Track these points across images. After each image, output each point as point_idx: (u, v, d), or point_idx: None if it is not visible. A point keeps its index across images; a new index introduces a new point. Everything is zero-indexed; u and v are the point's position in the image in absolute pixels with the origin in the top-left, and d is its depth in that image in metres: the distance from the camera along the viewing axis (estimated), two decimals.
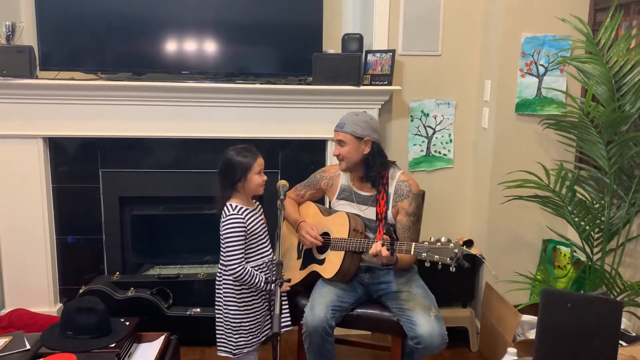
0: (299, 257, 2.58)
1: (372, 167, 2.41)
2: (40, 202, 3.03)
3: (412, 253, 2.09)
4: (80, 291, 2.94)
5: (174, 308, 3.01)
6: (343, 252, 2.36)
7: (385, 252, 2.15)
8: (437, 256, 2.01)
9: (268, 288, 2.31)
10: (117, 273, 3.13)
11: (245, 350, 2.34)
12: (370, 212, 2.45)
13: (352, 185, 2.51)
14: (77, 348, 2.20)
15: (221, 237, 2.32)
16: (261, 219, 2.40)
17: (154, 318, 2.90)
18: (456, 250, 1.99)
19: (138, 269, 3.35)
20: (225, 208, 2.32)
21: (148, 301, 2.94)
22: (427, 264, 2.05)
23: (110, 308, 2.40)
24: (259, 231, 2.36)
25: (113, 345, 2.26)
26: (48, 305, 3.11)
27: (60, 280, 3.18)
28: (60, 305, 3.17)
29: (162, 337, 2.48)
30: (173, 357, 2.46)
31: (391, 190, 2.42)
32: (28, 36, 2.98)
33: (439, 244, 2.03)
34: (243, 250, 2.29)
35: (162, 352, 2.39)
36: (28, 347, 2.26)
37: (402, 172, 2.48)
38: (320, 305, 2.31)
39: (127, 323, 2.43)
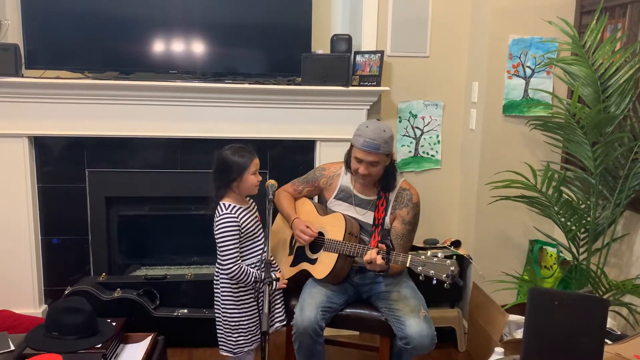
0: (290, 253, 2.57)
1: (392, 174, 2.39)
2: (25, 202, 3.00)
3: (407, 265, 2.09)
4: (66, 292, 2.91)
5: (161, 309, 2.98)
6: (336, 255, 2.35)
7: (380, 260, 2.12)
8: (432, 271, 2.00)
9: (258, 287, 2.30)
10: (104, 274, 3.09)
11: (246, 349, 2.34)
12: (368, 217, 2.43)
13: (352, 188, 2.48)
14: (63, 349, 2.17)
15: (215, 236, 2.31)
16: (255, 217, 2.39)
17: (141, 319, 2.87)
18: (452, 268, 1.97)
19: (125, 270, 3.32)
20: (218, 207, 2.30)
21: (135, 302, 2.92)
22: (422, 278, 2.04)
23: (96, 309, 2.38)
24: (254, 229, 2.36)
25: (99, 345, 2.24)
26: (33, 306, 3.07)
27: (45, 281, 3.14)
28: (45, 306, 3.13)
29: (149, 338, 2.47)
30: (160, 358, 2.44)
31: (392, 197, 2.40)
32: (13, 34, 2.96)
33: (436, 259, 2.01)
34: (238, 249, 2.28)
35: (149, 352, 2.38)
36: (12, 348, 2.23)
37: (404, 179, 2.47)
38: (310, 307, 2.29)
39: (114, 323, 2.41)
